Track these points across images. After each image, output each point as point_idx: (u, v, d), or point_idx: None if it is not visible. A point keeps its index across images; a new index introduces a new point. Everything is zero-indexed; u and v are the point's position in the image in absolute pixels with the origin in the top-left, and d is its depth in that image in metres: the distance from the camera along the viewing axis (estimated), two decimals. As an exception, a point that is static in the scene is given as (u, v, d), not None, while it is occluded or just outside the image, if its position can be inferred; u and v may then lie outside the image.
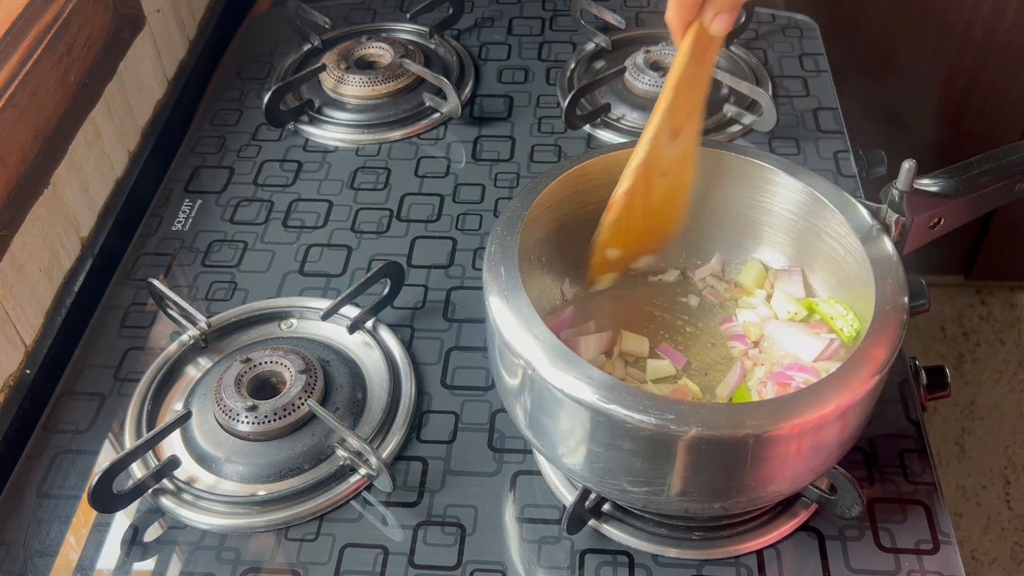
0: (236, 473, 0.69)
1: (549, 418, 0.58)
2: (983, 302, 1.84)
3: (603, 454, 0.57)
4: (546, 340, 0.57)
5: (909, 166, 0.60)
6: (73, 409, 0.76)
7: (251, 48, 1.12)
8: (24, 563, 0.66)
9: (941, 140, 1.60)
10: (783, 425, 0.53)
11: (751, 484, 0.57)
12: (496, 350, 0.61)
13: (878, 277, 0.59)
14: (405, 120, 1.00)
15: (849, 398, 0.54)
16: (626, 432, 0.54)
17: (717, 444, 0.54)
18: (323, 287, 0.84)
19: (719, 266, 0.75)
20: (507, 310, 0.59)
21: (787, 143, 0.95)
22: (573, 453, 0.59)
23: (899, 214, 0.62)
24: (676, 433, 0.53)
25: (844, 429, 0.57)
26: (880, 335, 0.56)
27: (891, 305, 0.58)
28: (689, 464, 0.55)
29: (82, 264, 0.87)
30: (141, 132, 1.00)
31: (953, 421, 1.68)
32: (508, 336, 0.58)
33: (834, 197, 0.65)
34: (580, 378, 0.55)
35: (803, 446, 0.56)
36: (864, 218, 0.63)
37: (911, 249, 0.64)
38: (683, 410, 0.53)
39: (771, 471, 0.57)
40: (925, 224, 0.63)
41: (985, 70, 1.51)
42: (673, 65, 0.64)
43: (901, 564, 0.64)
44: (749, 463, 0.55)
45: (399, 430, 0.72)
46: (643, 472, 0.57)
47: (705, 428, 0.53)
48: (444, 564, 0.65)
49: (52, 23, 0.84)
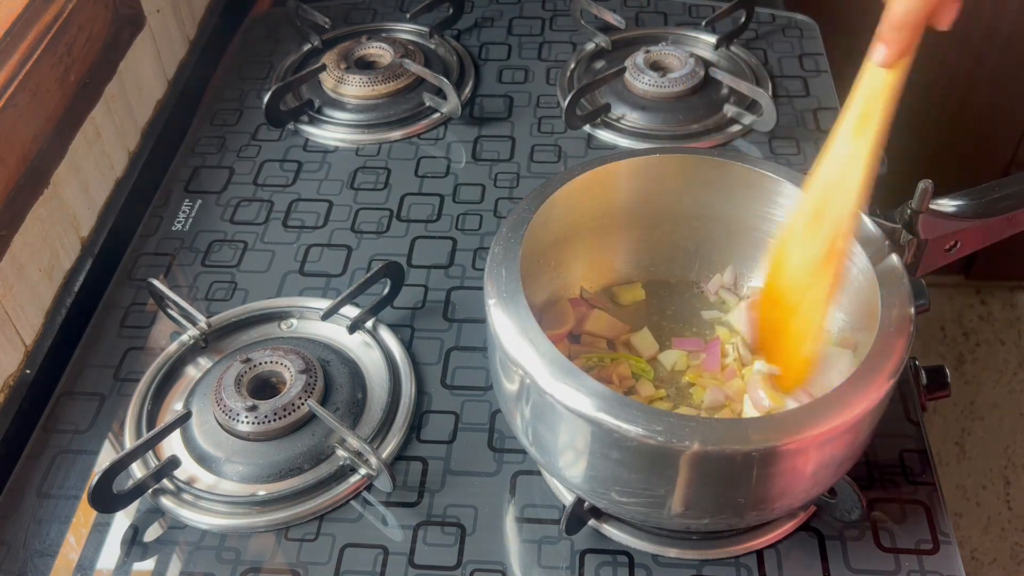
0: (236, 473, 0.69)
1: (547, 428, 0.58)
2: (983, 302, 1.84)
3: (597, 464, 0.56)
4: (543, 347, 0.56)
5: (924, 187, 0.58)
6: (73, 409, 0.76)
7: (251, 48, 1.13)
8: (24, 563, 0.66)
9: (941, 140, 1.60)
10: (787, 440, 0.52)
11: (754, 499, 0.56)
12: (494, 353, 0.61)
13: (884, 291, 0.58)
14: (405, 120, 1.00)
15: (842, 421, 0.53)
16: (615, 442, 0.53)
17: (716, 459, 0.53)
18: (323, 287, 0.84)
19: (731, 278, 0.75)
20: (505, 314, 0.58)
21: (787, 143, 0.95)
22: (571, 465, 0.58)
23: (913, 235, 0.60)
24: (677, 448, 0.52)
25: (843, 447, 0.56)
26: (885, 350, 0.55)
27: (896, 320, 0.57)
28: (688, 479, 0.55)
29: (82, 264, 0.87)
30: (141, 132, 1.00)
31: (953, 421, 1.68)
32: (505, 340, 0.57)
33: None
34: (576, 387, 0.54)
35: (808, 461, 0.55)
36: (872, 231, 0.62)
37: (926, 271, 0.61)
38: (681, 424, 0.52)
39: (775, 486, 0.56)
40: (941, 247, 0.61)
41: (985, 70, 1.51)
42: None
43: (901, 564, 0.64)
44: (753, 479, 0.54)
45: (399, 430, 0.72)
46: (635, 483, 0.56)
47: (703, 443, 0.52)
48: (444, 564, 0.65)
49: (52, 23, 0.84)
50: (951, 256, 0.62)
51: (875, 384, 0.54)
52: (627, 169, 0.69)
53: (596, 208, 0.71)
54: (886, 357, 0.55)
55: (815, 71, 1.04)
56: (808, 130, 0.97)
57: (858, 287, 0.64)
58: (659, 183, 0.70)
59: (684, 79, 0.98)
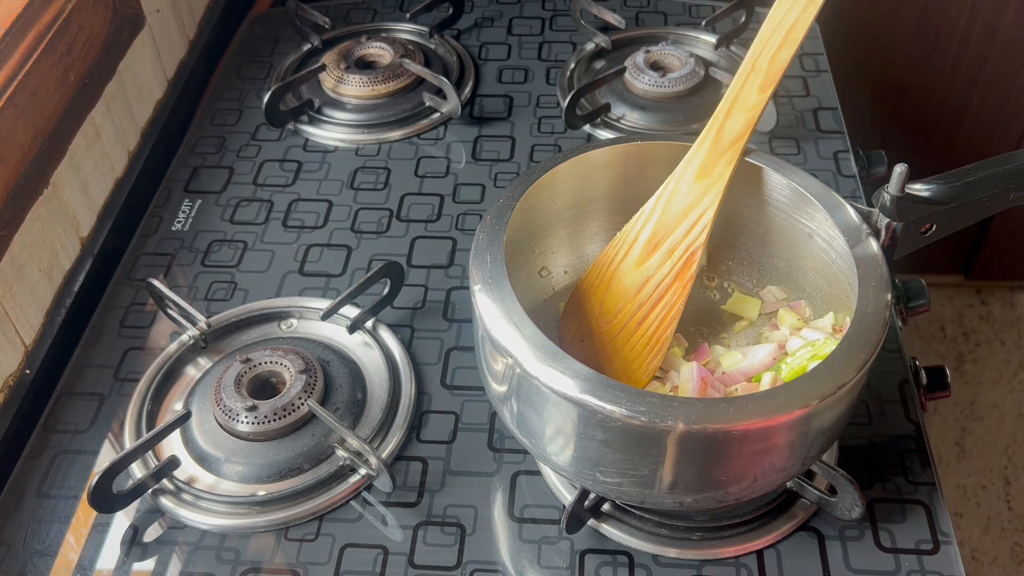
0: (236, 473, 0.69)
1: (534, 413, 0.58)
2: (983, 302, 1.84)
3: (582, 445, 0.57)
4: (528, 331, 0.57)
5: (900, 170, 0.59)
6: (73, 409, 0.76)
7: (251, 48, 1.13)
8: (24, 563, 0.66)
9: (941, 140, 1.60)
10: (764, 420, 0.53)
11: (736, 477, 0.57)
12: (480, 338, 0.62)
13: (862, 276, 0.59)
14: (405, 120, 1.00)
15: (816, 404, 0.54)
16: (599, 423, 0.54)
17: (699, 438, 0.54)
18: (323, 287, 0.84)
19: (704, 261, 0.75)
20: (490, 299, 0.59)
21: (787, 143, 0.95)
22: (557, 447, 0.59)
23: (890, 218, 0.61)
24: (661, 428, 0.53)
25: (821, 426, 0.57)
26: (862, 330, 0.56)
27: (873, 301, 0.58)
28: (672, 457, 0.55)
29: (82, 264, 0.87)
30: (141, 132, 1.00)
31: (953, 421, 1.68)
32: (490, 325, 0.58)
33: (823, 197, 0.65)
34: (562, 371, 0.55)
35: (780, 442, 0.56)
36: (852, 218, 0.63)
37: (903, 254, 0.63)
38: (664, 404, 0.53)
39: (756, 464, 0.57)
40: (916, 229, 0.62)
41: (985, 70, 1.51)
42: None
43: (901, 564, 0.64)
44: (735, 457, 0.55)
45: (399, 430, 0.72)
46: (620, 463, 0.57)
47: (687, 423, 0.53)
48: (444, 564, 0.65)
49: (52, 23, 0.84)
50: (928, 239, 0.63)
51: (852, 364, 0.55)
52: (610, 156, 0.70)
53: (579, 195, 0.71)
54: (863, 337, 0.56)
55: (815, 71, 1.04)
56: (808, 130, 0.97)
57: (836, 270, 0.65)
58: (641, 170, 0.71)
59: (684, 79, 0.98)
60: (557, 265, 0.75)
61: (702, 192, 0.65)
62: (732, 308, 0.73)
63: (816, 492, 0.65)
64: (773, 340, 0.69)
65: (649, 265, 0.67)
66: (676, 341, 0.70)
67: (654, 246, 0.67)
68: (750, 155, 0.68)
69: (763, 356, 0.67)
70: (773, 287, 0.73)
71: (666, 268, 0.66)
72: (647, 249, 0.67)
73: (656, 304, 0.67)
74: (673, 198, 0.66)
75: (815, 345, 0.65)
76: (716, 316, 0.73)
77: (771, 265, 0.73)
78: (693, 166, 0.66)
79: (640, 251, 0.68)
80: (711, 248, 0.74)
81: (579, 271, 0.75)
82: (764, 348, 0.68)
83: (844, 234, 0.62)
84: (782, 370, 0.65)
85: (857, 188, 0.90)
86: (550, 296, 0.75)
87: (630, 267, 0.68)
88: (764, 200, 0.69)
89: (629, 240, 0.68)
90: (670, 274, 0.66)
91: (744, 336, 0.72)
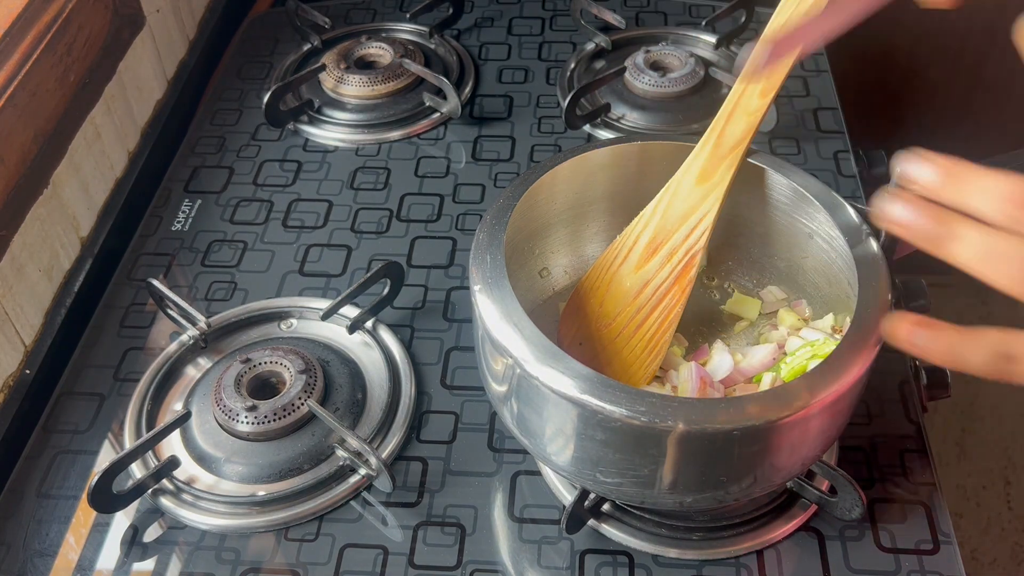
0: (236, 473, 0.69)
1: (534, 413, 0.58)
2: (983, 302, 1.84)
3: (582, 446, 0.57)
4: (528, 332, 0.57)
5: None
6: (73, 409, 0.76)
7: (251, 48, 1.12)
8: (24, 563, 0.66)
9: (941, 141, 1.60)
10: (764, 420, 0.53)
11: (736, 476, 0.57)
12: (480, 338, 0.61)
13: (862, 276, 0.59)
14: (405, 120, 1.00)
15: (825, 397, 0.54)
16: (599, 423, 0.54)
17: (699, 438, 0.53)
18: (323, 287, 0.84)
19: (704, 261, 0.74)
20: (490, 299, 0.59)
21: (787, 143, 0.95)
22: (557, 447, 0.59)
23: None
24: (661, 428, 0.53)
25: (822, 426, 0.57)
26: (863, 331, 0.56)
27: (873, 300, 0.58)
28: (672, 458, 0.55)
29: (82, 264, 0.87)
30: (141, 132, 1.00)
31: (953, 421, 1.68)
32: (490, 324, 0.58)
33: (823, 197, 0.65)
34: (562, 371, 0.55)
35: (780, 442, 0.56)
36: (852, 218, 0.63)
37: (903, 254, 0.63)
38: (664, 404, 0.53)
39: (756, 464, 0.57)
40: None
41: (985, 70, 1.51)
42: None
43: (901, 564, 0.64)
44: (735, 457, 0.55)
45: (399, 430, 0.72)
46: (620, 463, 0.56)
47: (687, 423, 0.52)
48: (444, 564, 0.65)
49: (52, 23, 0.84)
50: None
51: (852, 364, 0.55)
52: (610, 156, 0.70)
53: (579, 195, 0.71)
54: (863, 337, 0.56)
55: (815, 71, 1.04)
56: (808, 130, 0.97)
57: (836, 270, 0.65)
58: (641, 170, 0.70)
59: (684, 79, 0.98)
60: (557, 265, 0.75)
61: (702, 196, 0.65)
62: (732, 308, 0.73)
63: (816, 492, 0.65)
64: (773, 340, 0.69)
65: (648, 268, 0.67)
66: (676, 341, 0.70)
67: (654, 249, 0.67)
68: (750, 155, 0.68)
69: (763, 356, 0.67)
70: (773, 287, 0.73)
71: (665, 272, 0.66)
72: (647, 252, 0.67)
73: (655, 307, 0.67)
74: (673, 201, 0.66)
75: (815, 345, 0.65)
76: (716, 316, 0.73)
77: (771, 265, 0.73)
78: (694, 170, 0.66)
79: (640, 254, 0.68)
80: (711, 248, 0.74)
81: (579, 271, 0.75)
82: (764, 348, 0.68)
83: (844, 234, 0.62)
84: (782, 370, 0.65)
85: (857, 188, 0.90)
86: (550, 296, 0.75)
87: (630, 270, 0.68)
88: (764, 200, 0.69)
89: (629, 243, 0.68)
90: (669, 278, 0.66)
91: (744, 336, 0.72)
